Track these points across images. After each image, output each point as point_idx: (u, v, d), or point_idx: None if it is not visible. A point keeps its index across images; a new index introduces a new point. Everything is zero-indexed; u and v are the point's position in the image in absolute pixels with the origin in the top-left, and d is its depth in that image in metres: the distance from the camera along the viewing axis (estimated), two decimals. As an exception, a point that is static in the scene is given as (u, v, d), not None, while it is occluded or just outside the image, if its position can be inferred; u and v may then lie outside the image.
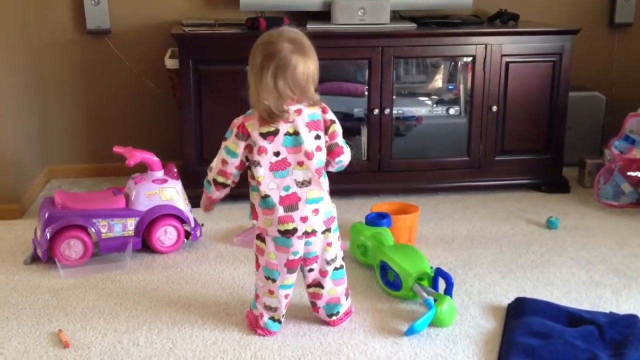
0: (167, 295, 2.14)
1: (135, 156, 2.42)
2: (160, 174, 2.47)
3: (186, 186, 2.55)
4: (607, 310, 2.01)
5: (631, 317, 1.93)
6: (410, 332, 1.88)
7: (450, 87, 3.17)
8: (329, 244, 1.85)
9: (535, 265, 2.35)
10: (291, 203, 1.77)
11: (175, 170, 2.51)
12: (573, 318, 1.93)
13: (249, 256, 1.94)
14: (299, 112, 1.77)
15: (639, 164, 2.87)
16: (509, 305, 2.04)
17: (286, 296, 1.88)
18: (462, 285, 2.18)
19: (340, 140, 1.84)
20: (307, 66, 1.73)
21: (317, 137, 1.79)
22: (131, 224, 2.39)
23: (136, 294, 2.14)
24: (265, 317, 1.89)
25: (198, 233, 2.50)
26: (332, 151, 1.83)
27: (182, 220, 2.45)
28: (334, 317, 1.93)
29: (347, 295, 1.95)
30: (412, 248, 2.22)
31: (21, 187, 2.89)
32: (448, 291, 2.01)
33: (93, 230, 2.34)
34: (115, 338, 1.89)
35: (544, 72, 3.00)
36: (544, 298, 2.07)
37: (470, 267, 2.33)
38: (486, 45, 2.95)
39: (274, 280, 1.85)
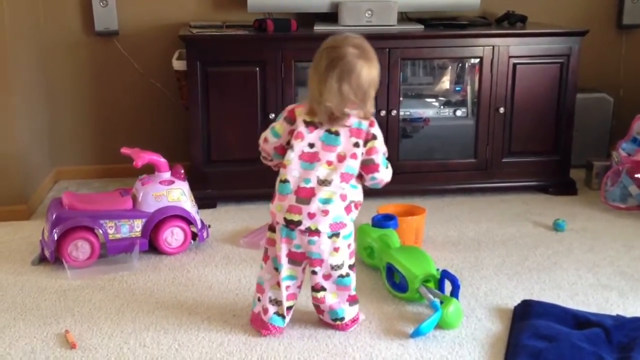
0: (173, 297, 2.14)
1: (143, 157, 2.43)
2: (167, 175, 2.48)
3: (193, 187, 2.56)
4: (614, 313, 2.01)
5: (638, 320, 1.92)
6: (416, 334, 1.88)
7: (457, 88, 3.16)
8: (336, 249, 1.84)
9: (542, 267, 2.34)
10: (305, 196, 1.78)
11: (182, 171, 2.51)
12: (579, 321, 1.93)
13: (256, 258, 1.95)
14: (348, 116, 1.80)
15: (647, 166, 2.86)
16: (516, 308, 2.04)
17: (287, 288, 1.87)
18: (468, 287, 2.18)
19: (378, 158, 1.84)
20: (371, 72, 1.77)
21: (356, 144, 1.81)
22: (138, 225, 2.40)
23: (143, 295, 2.15)
24: (271, 312, 1.89)
25: (205, 234, 2.51)
26: (367, 166, 1.84)
27: (189, 221, 2.46)
28: (339, 322, 1.92)
29: (352, 302, 1.93)
30: (418, 250, 2.22)
31: (29, 188, 2.90)
32: (454, 293, 2.01)
33: (100, 231, 2.35)
34: (121, 339, 1.89)
35: (551, 74, 2.99)
36: (550, 300, 2.07)
37: (476, 269, 2.32)
38: (493, 47, 2.94)
39: (279, 272, 1.86)
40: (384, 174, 1.87)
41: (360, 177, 1.86)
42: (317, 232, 1.80)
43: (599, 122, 3.36)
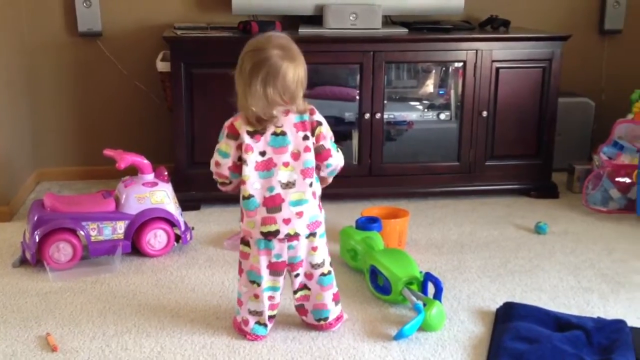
0: (156, 299, 2.13)
1: (126, 159, 2.42)
2: (150, 177, 2.47)
3: (177, 189, 2.55)
4: (594, 315, 2.03)
5: (618, 322, 1.94)
6: (399, 336, 1.89)
7: (441, 92, 3.18)
8: (314, 249, 1.84)
9: (524, 270, 2.36)
10: (274, 204, 1.77)
11: (166, 173, 2.50)
12: (561, 323, 1.94)
13: (239, 260, 1.95)
14: (286, 112, 1.77)
15: (627, 169, 2.89)
16: (498, 310, 2.05)
17: (270, 298, 1.87)
18: (451, 289, 2.19)
19: (327, 143, 1.83)
20: (297, 72, 1.73)
21: (306, 137, 1.79)
22: (121, 227, 2.39)
23: (125, 298, 2.14)
24: (251, 323, 1.88)
25: (188, 236, 2.50)
26: (320, 154, 1.82)
27: (172, 223, 2.45)
28: (322, 322, 1.93)
29: (336, 301, 1.94)
30: (402, 252, 2.22)
31: (11, 190, 2.88)
32: (437, 296, 2.02)
33: (82, 233, 2.33)
34: (103, 342, 1.88)
35: (534, 78, 3.02)
36: (532, 303, 2.08)
37: (459, 272, 2.34)
38: (477, 51, 2.96)
39: (258, 284, 1.84)
40: (338, 158, 1.86)
41: (317, 169, 1.83)
42: (295, 235, 1.79)
43: (580, 126, 3.39)
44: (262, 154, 1.77)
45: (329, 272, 1.90)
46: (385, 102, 2.99)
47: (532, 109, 3.04)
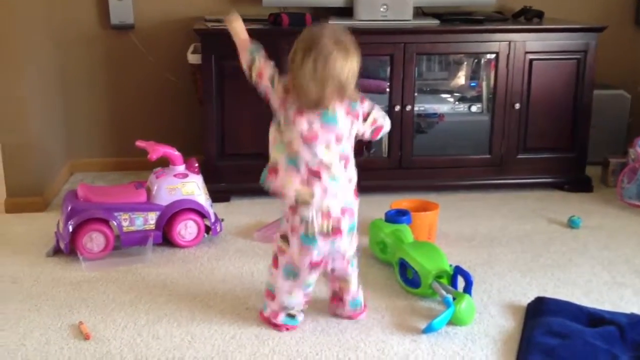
0: (186, 289, 2.15)
1: (157, 150, 2.44)
2: (181, 168, 2.49)
3: (207, 181, 2.57)
4: (628, 311, 1.99)
5: (653, 319, 1.91)
6: (428, 329, 1.88)
7: (472, 84, 3.15)
8: (351, 243, 1.87)
9: (556, 264, 2.32)
10: (315, 175, 1.76)
11: (197, 165, 2.52)
12: (594, 318, 1.91)
13: (269, 251, 1.95)
14: (340, 99, 1.77)
15: (664, 163, 2.83)
16: (529, 305, 2.03)
17: (307, 294, 1.89)
18: (481, 283, 2.17)
19: (380, 120, 1.88)
20: (349, 63, 1.72)
21: (352, 124, 1.80)
22: (152, 217, 2.41)
23: (156, 288, 2.16)
24: (282, 315, 1.90)
25: (218, 228, 2.52)
26: (374, 131, 1.89)
27: (203, 214, 2.47)
28: (359, 309, 1.96)
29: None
30: (431, 245, 2.21)
31: (45, 180, 2.93)
32: (467, 289, 2.00)
33: (115, 223, 2.36)
34: (135, 331, 1.91)
35: (568, 70, 2.97)
36: (564, 298, 2.05)
37: (489, 266, 2.31)
38: (510, 42, 2.92)
39: (295, 279, 1.85)
40: (388, 126, 1.92)
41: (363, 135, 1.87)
42: (338, 231, 1.79)
43: (616, 119, 3.32)
44: (309, 127, 1.75)
45: (354, 257, 1.92)
46: (416, 94, 2.96)
47: (566, 101, 2.99)
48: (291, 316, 1.90)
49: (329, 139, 1.76)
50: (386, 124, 1.91)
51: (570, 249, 2.45)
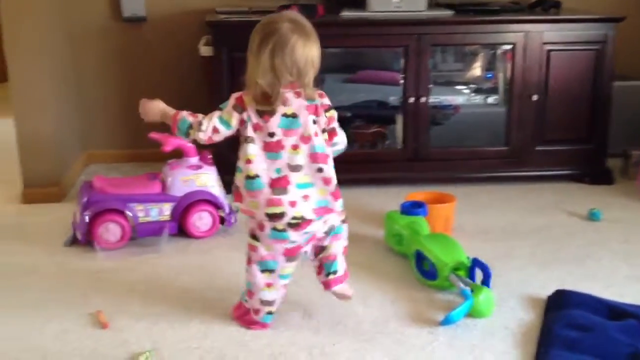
0: (202, 280, 2.14)
1: (171, 142, 2.43)
2: (195, 160, 2.48)
3: (221, 172, 2.56)
4: (650, 305, 1.96)
5: (676, 312, 1.87)
6: (446, 322, 1.86)
7: (488, 75, 3.12)
8: (325, 222, 1.79)
9: (576, 257, 2.29)
10: (281, 186, 1.71)
11: (210, 156, 2.51)
12: (615, 311, 1.88)
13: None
14: (298, 94, 1.73)
15: (684, 155, 2.79)
16: (549, 297, 2.00)
17: (284, 286, 1.84)
18: (499, 276, 2.13)
19: (336, 124, 1.81)
20: (308, 49, 1.68)
21: (314, 122, 1.74)
22: (167, 208, 2.41)
23: (172, 278, 2.16)
24: (263, 312, 1.84)
25: (233, 219, 2.51)
26: (329, 134, 1.79)
27: (217, 206, 2.46)
28: (331, 277, 1.85)
29: (345, 255, 1.88)
30: (448, 237, 2.19)
31: (61, 171, 2.94)
32: (485, 282, 1.97)
33: (130, 214, 2.36)
34: (151, 320, 1.90)
35: (586, 61, 2.93)
36: (584, 291, 2.02)
37: (508, 259, 2.28)
38: (526, 33, 2.88)
39: (271, 272, 1.80)
40: (344, 138, 1.84)
41: None
42: (306, 221, 1.72)
43: (636, 111, 3.27)
44: (271, 135, 1.72)
45: (340, 224, 1.84)
46: (431, 85, 2.93)
47: (584, 92, 2.95)
48: (271, 314, 1.85)
49: (294, 142, 1.72)
50: (341, 135, 1.82)
51: (590, 242, 2.42)
